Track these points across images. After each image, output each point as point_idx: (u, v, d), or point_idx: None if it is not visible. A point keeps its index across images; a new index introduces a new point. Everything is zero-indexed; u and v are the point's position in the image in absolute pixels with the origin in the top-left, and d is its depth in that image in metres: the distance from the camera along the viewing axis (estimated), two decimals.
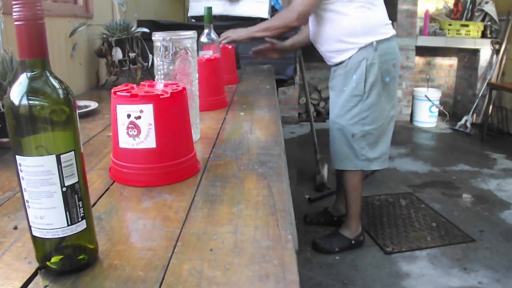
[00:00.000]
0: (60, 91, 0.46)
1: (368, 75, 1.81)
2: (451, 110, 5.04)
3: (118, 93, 0.75)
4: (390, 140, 2.00)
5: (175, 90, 0.76)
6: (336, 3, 1.78)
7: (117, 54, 1.65)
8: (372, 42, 1.79)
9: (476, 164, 3.44)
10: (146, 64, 1.73)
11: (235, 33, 1.88)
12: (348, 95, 1.88)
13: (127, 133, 0.75)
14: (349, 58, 1.83)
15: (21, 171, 0.46)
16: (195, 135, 0.98)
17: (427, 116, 4.58)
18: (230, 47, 1.91)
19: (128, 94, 0.74)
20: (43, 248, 0.49)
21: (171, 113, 0.76)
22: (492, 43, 4.42)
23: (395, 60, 1.87)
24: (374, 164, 1.97)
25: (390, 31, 1.87)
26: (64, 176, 0.47)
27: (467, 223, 2.45)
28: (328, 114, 4.84)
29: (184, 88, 0.79)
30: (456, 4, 4.63)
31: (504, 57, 4.31)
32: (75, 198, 0.49)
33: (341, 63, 1.88)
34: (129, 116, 0.74)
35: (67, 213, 0.48)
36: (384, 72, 1.83)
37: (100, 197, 0.72)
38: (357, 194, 2.07)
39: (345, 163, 1.99)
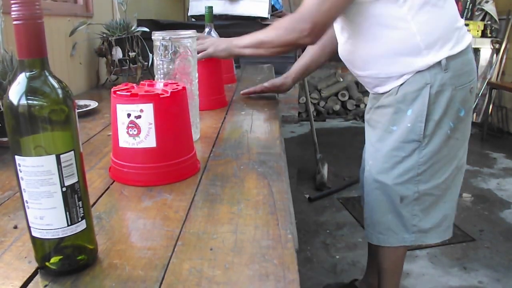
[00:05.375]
0: (59, 91, 0.46)
1: (433, 109, 1.16)
2: None
3: (118, 92, 0.75)
4: (457, 198, 1.34)
5: (175, 90, 0.76)
6: (382, 2, 1.11)
7: (117, 53, 1.65)
8: (440, 60, 1.14)
9: (476, 164, 3.44)
10: (146, 63, 1.73)
11: (214, 45, 1.30)
12: (398, 139, 1.21)
13: (127, 132, 0.75)
14: (403, 83, 1.18)
15: (21, 171, 0.46)
16: (195, 135, 0.98)
17: None
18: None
19: (128, 93, 0.74)
20: (43, 248, 0.49)
21: (171, 112, 0.76)
22: (492, 42, 4.42)
23: (473, 83, 1.21)
24: (430, 236, 1.31)
25: (466, 38, 1.20)
26: (64, 176, 0.47)
27: (467, 223, 2.45)
28: (328, 113, 4.87)
29: (184, 88, 0.79)
30: (456, 4, 4.63)
31: (504, 57, 4.31)
32: (75, 198, 0.49)
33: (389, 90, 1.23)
34: (129, 115, 0.74)
35: (67, 213, 0.48)
36: (458, 103, 1.18)
37: (100, 196, 0.72)
38: (396, 271, 1.48)
39: (387, 237, 1.32)
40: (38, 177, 0.46)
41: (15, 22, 0.44)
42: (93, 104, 1.34)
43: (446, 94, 1.16)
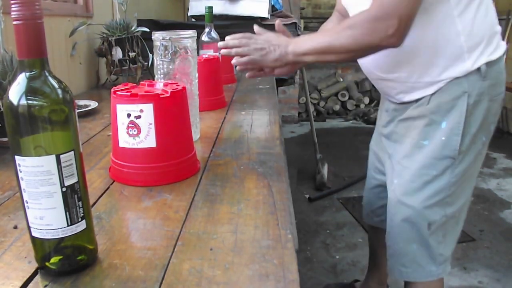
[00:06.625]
0: (59, 91, 0.46)
1: (470, 121, 1.04)
2: None
3: (118, 92, 0.75)
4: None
5: (175, 90, 0.76)
6: None
7: (117, 53, 1.65)
8: (479, 67, 1.02)
9: None
10: (146, 63, 1.73)
11: (263, 50, 1.04)
12: (430, 155, 1.07)
13: (127, 132, 0.75)
14: (436, 92, 1.05)
15: (21, 172, 0.46)
16: (195, 135, 0.98)
17: None
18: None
19: (128, 93, 0.74)
20: (43, 248, 0.49)
21: (171, 112, 0.76)
22: None
23: (503, 94, 1.10)
24: (448, 264, 1.19)
25: (502, 44, 1.09)
26: (64, 176, 0.47)
27: (467, 223, 2.44)
28: (328, 113, 4.87)
29: (184, 88, 0.79)
30: None
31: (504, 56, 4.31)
32: (75, 198, 0.49)
33: (417, 100, 1.09)
34: (129, 115, 0.74)
35: (67, 213, 0.48)
36: (492, 116, 1.09)
37: (100, 196, 0.72)
38: None
39: (411, 271, 1.17)
40: (38, 177, 0.46)
41: (15, 22, 0.44)
42: (93, 104, 1.34)
43: (484, 105, 1.04)
